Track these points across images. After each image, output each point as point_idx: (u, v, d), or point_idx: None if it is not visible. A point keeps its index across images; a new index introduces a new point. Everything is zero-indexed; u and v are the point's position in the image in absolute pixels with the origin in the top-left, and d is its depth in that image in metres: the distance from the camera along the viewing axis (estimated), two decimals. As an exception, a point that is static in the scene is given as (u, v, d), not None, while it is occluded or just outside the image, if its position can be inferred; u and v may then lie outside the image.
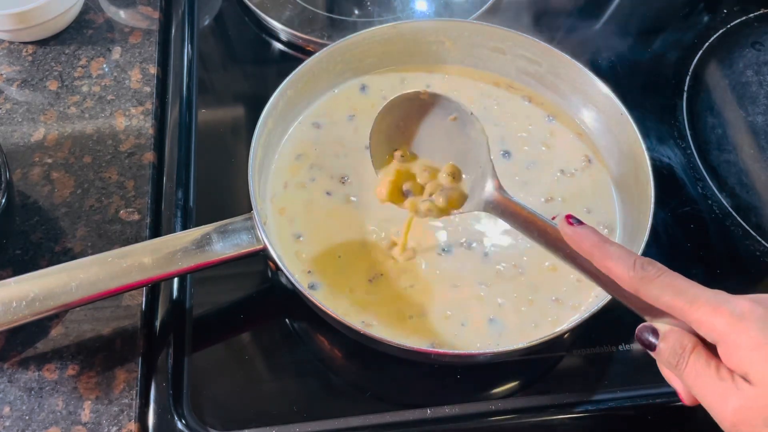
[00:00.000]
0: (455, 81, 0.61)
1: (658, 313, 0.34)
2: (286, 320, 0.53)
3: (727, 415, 0.32)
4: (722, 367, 0.32)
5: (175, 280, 0.53)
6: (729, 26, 0.72)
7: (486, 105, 0.60)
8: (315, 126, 0.58)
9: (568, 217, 0.36)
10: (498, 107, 0.60)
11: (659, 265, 0.34)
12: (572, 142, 0.58)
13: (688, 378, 0.33)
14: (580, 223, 0.36)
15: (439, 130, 0.48)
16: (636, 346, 0.52)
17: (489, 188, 0.44)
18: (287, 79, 0.54)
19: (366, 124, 0.57)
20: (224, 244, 0.47)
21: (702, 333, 0.33)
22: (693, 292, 0.33)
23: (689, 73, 0.68)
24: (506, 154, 0.57)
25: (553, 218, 0.39)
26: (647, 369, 0.51)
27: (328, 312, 0.44)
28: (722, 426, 0.32)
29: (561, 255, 0.37)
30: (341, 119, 0.59)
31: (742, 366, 0.31)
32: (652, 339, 0.34)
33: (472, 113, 0.46)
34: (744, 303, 0.32)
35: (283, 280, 0.52)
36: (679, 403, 0.36)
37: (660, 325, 0.34)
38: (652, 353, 0.35)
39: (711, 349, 0.33)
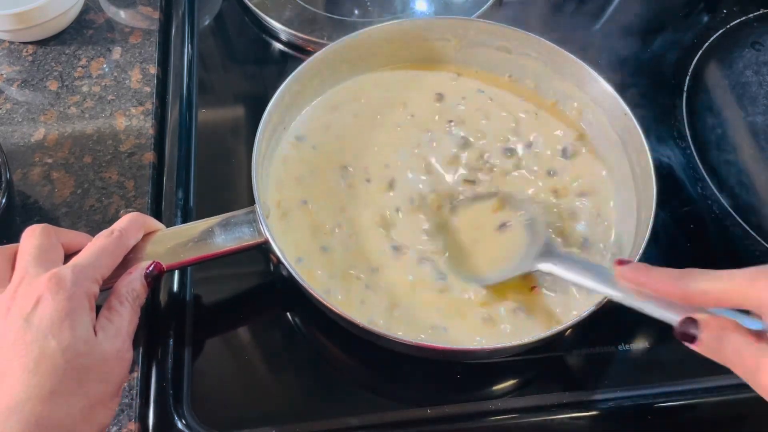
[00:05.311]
0: (458, 81, 0.61)
1: (695, 310, 0.37)
2: (287, 315, 0.53)
3: (764, 378, 0.32)
4: (762, 340, 0.33)
5: (176, 276, 0.53)
6: (729, 26, 0.72)
7: (484, 102, 0.60)
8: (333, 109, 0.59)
9: (619, 260, 0.41)
10: (497, 104, 0.60)
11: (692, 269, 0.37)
12: (572, 138, 0.58)
13: (732, 356, 0.34)
14: (628, 261, 0.40)
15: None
16: (635, 346, 0.52)
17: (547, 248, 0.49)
18: (294, 72, 0.54)
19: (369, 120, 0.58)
20: (226, 237, 0.48)
21: (746, 305, 0.34)
22: (728, 273, 0.35)
23: (689, 73, 0.68)
24: (508, 151, 0.57)
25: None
26: (647, 369, 0.51)
27: (329, 306, 0.44)
28: (764, 393, 0.33)
29: (615, 291, 0.41)
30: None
31: None
32: (693, 330, 0.35)
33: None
34: None
35: (285, 274, 0.52)
36: (678, 403, 0.36)
37: (698, 316, 0.36)
38: (692, 345, 0.36)
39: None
